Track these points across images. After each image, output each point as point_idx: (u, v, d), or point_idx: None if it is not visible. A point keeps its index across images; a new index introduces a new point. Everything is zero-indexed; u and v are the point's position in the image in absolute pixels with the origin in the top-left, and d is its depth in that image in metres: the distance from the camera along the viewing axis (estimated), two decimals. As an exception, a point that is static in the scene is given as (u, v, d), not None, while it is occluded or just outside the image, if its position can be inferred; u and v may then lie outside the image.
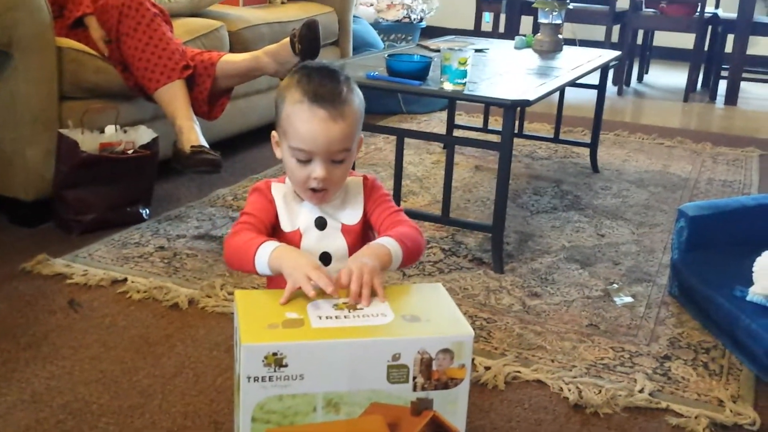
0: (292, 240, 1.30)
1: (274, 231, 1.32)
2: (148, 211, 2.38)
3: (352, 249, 1.29)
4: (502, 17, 5.48)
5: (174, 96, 2.38)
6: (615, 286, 2.07)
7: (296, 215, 1.32)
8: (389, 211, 1.34)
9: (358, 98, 1.30)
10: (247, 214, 1.31)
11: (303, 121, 1.24)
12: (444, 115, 3.56)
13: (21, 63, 2.14)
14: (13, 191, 2.26)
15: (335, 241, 1.31)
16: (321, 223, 1.31)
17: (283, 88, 1.29)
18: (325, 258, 1.30)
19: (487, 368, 1.63)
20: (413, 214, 2.34)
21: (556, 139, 3.26)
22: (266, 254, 1.22)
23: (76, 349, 1.64)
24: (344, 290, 1.17)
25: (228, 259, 1.29)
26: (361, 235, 1.33)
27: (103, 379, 1.54)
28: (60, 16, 2.39)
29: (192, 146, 2.32)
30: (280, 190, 1.33)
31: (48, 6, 2.19)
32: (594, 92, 3.10)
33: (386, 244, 1.26)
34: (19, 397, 1.47)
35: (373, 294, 1.18)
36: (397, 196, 2.32)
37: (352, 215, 1.33)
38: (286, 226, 1.31)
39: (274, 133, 1.33)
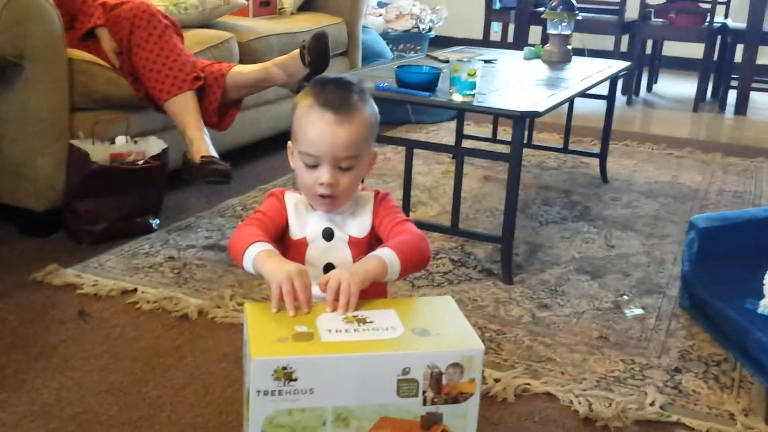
0: (299, 247, 1.31)
1: (283, 236, 1.33)
2: (158, 222, 2.39)
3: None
4: (511, 27, 5.48)
5: (184, 107, 2.39)
6: (625, 297, 2.07)
7: (305, 224, 1.32)
8: (395, 222, 1.32)
9: (370, 109, 1.30)
10: (260, 212, 1.33)
11: (310, 124, 1.26)
12: (453, 124, 3.56)
13: (32, 74, 2.15)
14: (23, 201, 2.27)
15: (341, 253, 1.31)
16: (328, 234, 1.32)
17: (297, 97, 1.31)
18: (329, 269, 1.30)
19: (497, 380, 1.62)
20: (422, 225, 2.33)
21: (565, 150, 3.26)
22: (253, 254, 1.22)
23: (85, 360, 1.65)
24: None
25: (229, 249, 1.31)
26: (367, 249, 1.33)
27: (112, 390, 1.55)
28: (71, 28, 2.41)
29: (202, 157, 2.33)
30: (292, 198, 1.35)
31: (59, 18, 2.20)
32: (603, 102, 3.09)
33: (380, 254, 1.24)
34: (29, 408, 1.47)
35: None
36: (406, 207, 2.32)
37: (360, 228, 1.33)
38: (294, 233, 1.32)
39: (289, 143, 1.34)
